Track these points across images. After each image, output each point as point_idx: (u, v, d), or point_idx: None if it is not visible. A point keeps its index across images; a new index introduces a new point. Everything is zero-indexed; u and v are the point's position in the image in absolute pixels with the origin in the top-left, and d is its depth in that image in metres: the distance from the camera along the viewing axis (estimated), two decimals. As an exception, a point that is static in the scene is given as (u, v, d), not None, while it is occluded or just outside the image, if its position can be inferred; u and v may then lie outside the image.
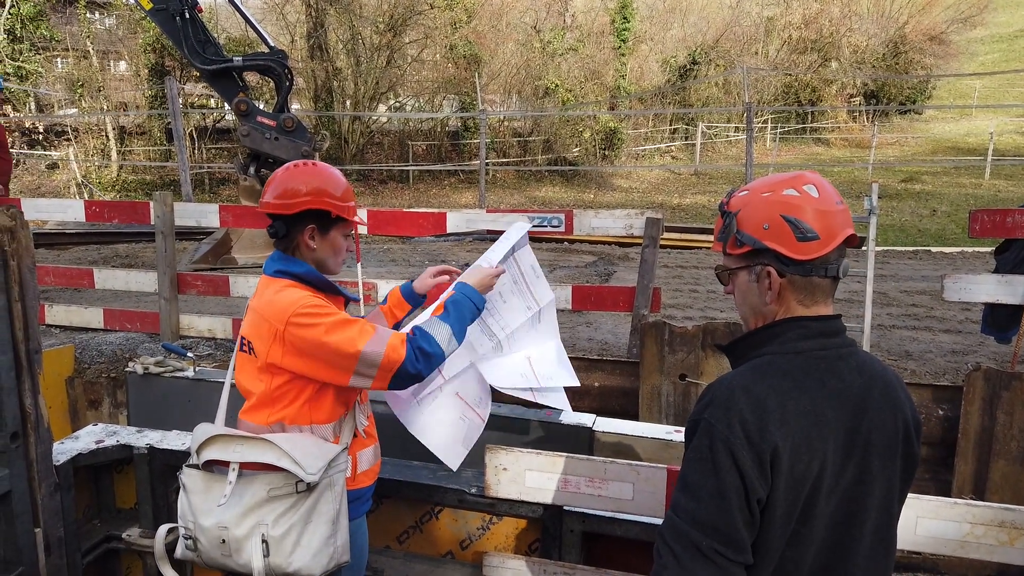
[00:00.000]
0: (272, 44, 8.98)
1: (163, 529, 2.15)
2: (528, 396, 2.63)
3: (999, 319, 4.46)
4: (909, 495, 2.24)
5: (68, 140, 20.27)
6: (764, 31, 30.76)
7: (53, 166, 19.43)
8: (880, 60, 31.93)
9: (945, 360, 5.01)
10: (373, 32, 21.85)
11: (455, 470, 2.49)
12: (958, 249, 9.50)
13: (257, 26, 9.00)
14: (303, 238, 2.17)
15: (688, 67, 26.98)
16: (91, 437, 2.99)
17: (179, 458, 2.93)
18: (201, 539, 2.06)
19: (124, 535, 2.96)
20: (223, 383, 3.59)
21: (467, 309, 2.26)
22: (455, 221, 4.95)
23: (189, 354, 3.73)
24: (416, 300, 2.59)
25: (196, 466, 2.12)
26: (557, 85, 23.19)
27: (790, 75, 29.50)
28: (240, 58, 8.58)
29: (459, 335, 2.20)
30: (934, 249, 9.37)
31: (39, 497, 2.66)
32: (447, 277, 2.53)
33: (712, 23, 29.77)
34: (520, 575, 2.60)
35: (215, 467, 2.10)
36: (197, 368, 3.67)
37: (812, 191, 1.49)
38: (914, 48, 32.47)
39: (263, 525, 2.02)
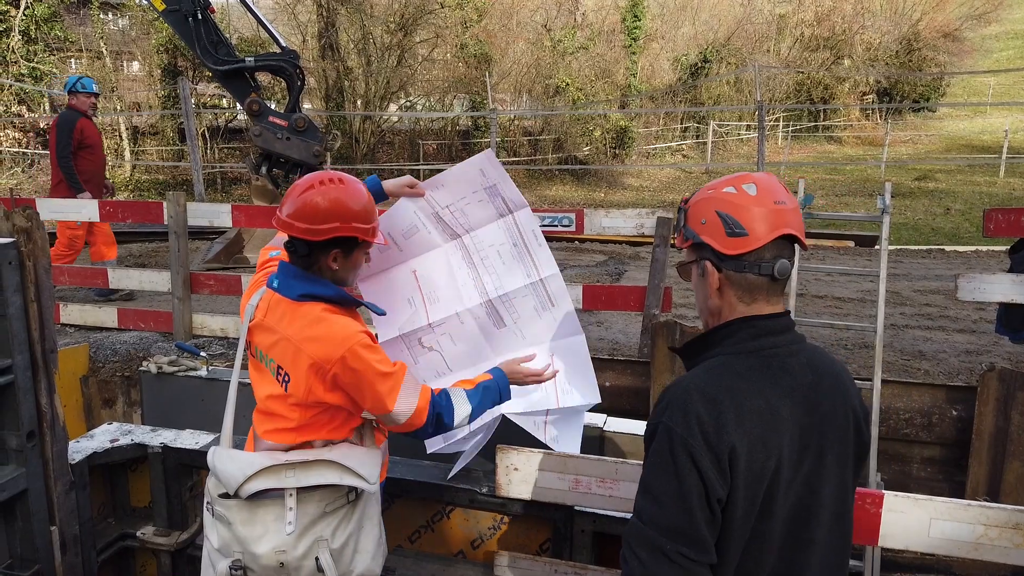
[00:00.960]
0: (284, 44, 9.01)
1: (223, 565, 2.05)
2: (540, 432, 2.63)
3: (1014, 319, 4.42)
4: (921, 497, 2.25)
5: (82, 140, 20.40)
6: (776, 29, 30.59)
7: (67, 166, 19.57)
8: (893, 57, 31.70)
9: (959, 360, 4.98)
10: (384, 31, 21.90)
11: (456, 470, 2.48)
12: (972, 248, 9.43)
13: (269, 26, 9.03)
14: (326, 261, 2.06)
15: (699, 65, 26.87)
16: (106, 436, 3.02)
17: (193, 457, 2.96)
18: (254, 567, 2.03)
19: (139, 533, 2.99)
20: (240, 383, 3.62)
21: (492, 397, 2.27)
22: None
23: (202, 353, 3.75)
24: (380, 196, 2.51)
25: (227, 496, 2.06)
26: (568, 84, 23.16)
27: (802, 73, 29.33)
28: (252, 58, 8.61)
29: (474, 416, 2.21)
30: (948, 248, 9.30)
31: (55, 495, 2.70)
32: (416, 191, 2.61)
33: (723, 21, 29.64)
34: (531, 575, 2.61)
35: (256, 494, 2.04)
36: (210, 367, 3.69)
37: (750, 189, 1.54)
38: (928, 45, 32.21)
39: (323, 541, 2.03)
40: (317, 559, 2.01)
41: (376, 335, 2.67)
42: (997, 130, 26.64)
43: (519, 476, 2.53)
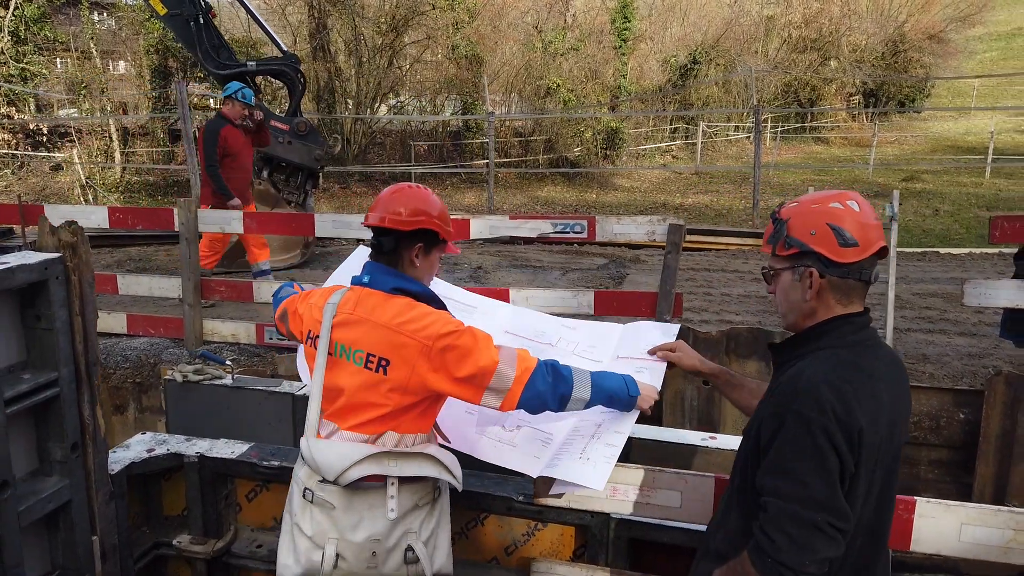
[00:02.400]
0: (285, 48, 9.04)
1: (330, 551, 2.10)
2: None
3: (1018, 324, 4.53)
4: (953, 503, 2.34)
5: (71, 142, 20.26)
6: (764, 30, 30.80)
7: (57, 167, 19.42)
8: (879, 59, 32.01)
9: (962, 363, 5.08)
10: (375, 32, 21.87)
11: (535, 475, 2.43)
12: (966, 250, 9.58)
13: (270, 31, 9.07)
14: (410, 255, 2.20)
15: (689, 66, 27.01)
16: (142, 446, 3.05)
17: (228, 466, 2.99)
18: (347, 555, 2.08)
19: (175, 542, 3.02)
20: (265, 391, 3.66)
21: (615, 392, 2.22)
22: (478, 228, 5.01)
23: (228, 362, 3.78)
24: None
25: (332, 483, 2.10)
26: (559, 85, 23.22)
27: (790, 74, 29.56)
28: (253, 63, 8.65)
29: (593, 397, 2.17)
30: (942, 250, 9.45)
31: (96, 506, 2.72)
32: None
33: (712, 22, 29.80)
34: (568, 581, 2.66)
35: (354, 482, 2.10)
36: (235, 376, 3.72)
37: (854, 206, 1.74)
38: (913, 47, 32.55)
39: (412, 533, 2.11)
40: (407, 550, 2.09)
41: None
42: (981, 131, 26.98)
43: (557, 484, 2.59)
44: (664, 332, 2.62)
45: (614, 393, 2.21)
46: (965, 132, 29.13)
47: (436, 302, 2.21)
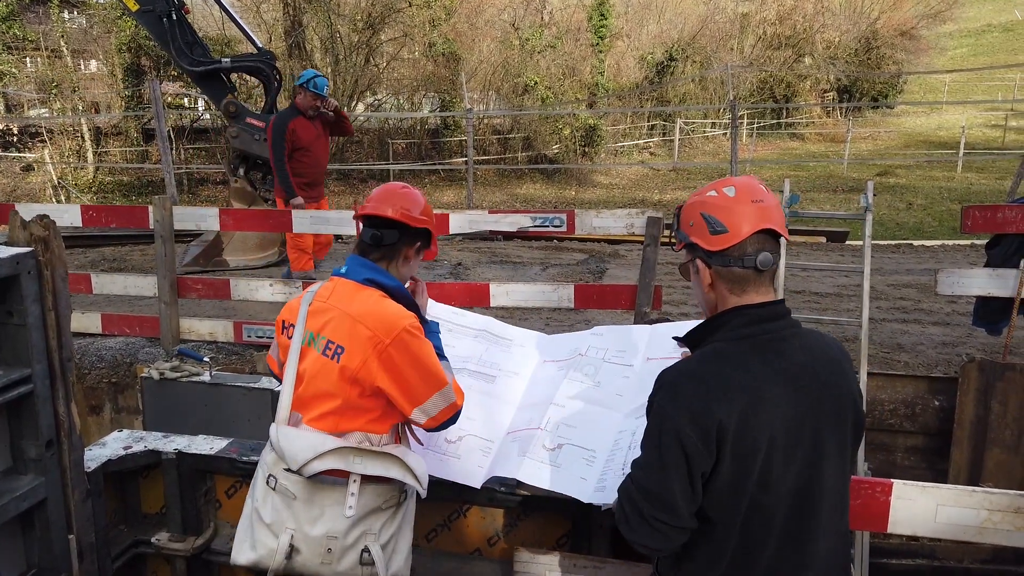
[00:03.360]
0: (260, 45, 8.95)
1: (284, 539, 2.09)
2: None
3: (990, 312, 4.61)
4: (928, 484, 2.36)
5: (43, 142, 19.95)
6: (739, 27, 31.03)
7: (28, 168, 19.11)
8: (853, 56, 32.38)
9: (936, 352, 5.16)
10: (351, 30, 21.75)
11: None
12: (939, 242, 9.73)
13: (245, 28, 8.97)
14: (407, 251, 2.26)
15: (665, 64, 27.15)
16: (118, 443, 3.01)
17: (208, 462, 2.96)
18: (303, 547, 2.07)
19: (153, 540, 2.98)
20: (243, 387, 3.63)
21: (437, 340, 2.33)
22: (458, 222, 5.00)
23: (205, 358, 3.75)
24: None
25: (294, 472, 2.09)
26: (536, 82, 23.24)
27: (766, 71, 29.81)
28: (228, 59, 8.55)
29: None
30: (915, 243, 9.59)
31: (72, 504, 2.69)
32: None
33: (688, 19, 29.97)
34: (551, 570, 2.67)
35: (318, 475, 2.09)
36: (213, 372, 3.69)
37: (729, 191, 1.70)
38: (886, 43, 32.96)
39: (370, 534, 2.09)
40: (363, 551, 2.07)
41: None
42: (953, 126, 27.42)
43: (539, 474, 2.59)
44: (685, 329, 2.64)
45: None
46: (937, 127, 29.57)
47: (409, 303, 2.21)
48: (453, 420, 2.18)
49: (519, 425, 2.61)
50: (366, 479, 2.09)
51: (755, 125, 28.95)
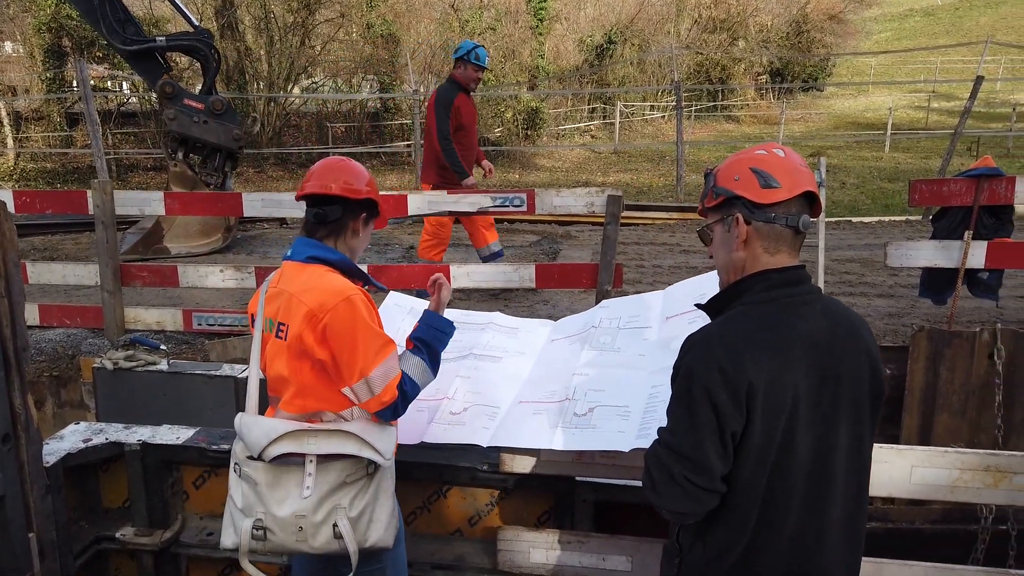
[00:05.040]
0: (196, 23, 8.61)
1: (247, 524, 2.11)
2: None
3: (936, 282, 4.77)
4: (904, 447, 2.43)
5: (-44, 127, 18.88)
6: (675, 10, 31.35)
7: (-60, 155, 18.07)
8: (784, 39, 33.10)
9: (884, 323, 5.33)
10: (285, 10, 21.15)
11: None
12: (875, 218, 10.06)
13: (180, 5, 8.62)
14: (354, 225, 2.24)
15: (604, 46, 27.26)
16: (77, 436, 2.87)
17: (174, 453, 2.85)
18: (274, 528, 2.09)
19: (118, 535, 2.86)
20: (204, 375, 3.51)
21: (438, 339, 2.31)
22: (416, 204, 4.92)
23: (162, 346, 3.60)
24: None
25: (256, 459, 2.11)
26: (477, 65, 23.04)
27: (701, 54, 30.23)
28: (164, 38, 8.19)
29: (433, 367, 2.28)
30: (854, 219, 9.89)
31: (32, 501, 2.55)
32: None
33: (625, 3, 30.10)
34: (535, 547, 2.66)
35: (280, 458, 2.10)
36: (171, 361, 3.55)
37: (779, 153, 1.75)
38: (815, 27, 33.76)
39: (340, 509, 2.09)
40: (335, 525, 2.08)
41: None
42: (879, 107, 28.34)
43: (523, 451, 2.58)
44: (701, 283, 2.64)
45: (439, 346, 2.30)
46: (864, 109, 30.52)
47: (355, 272, 2.24)
48: (386, 415, 2.14)
49: (534, 397, 2.58)
50: (324, 457, 2.10)
51: (692, 108, 29.38)
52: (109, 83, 22.38)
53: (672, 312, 2.61)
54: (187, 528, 2.97)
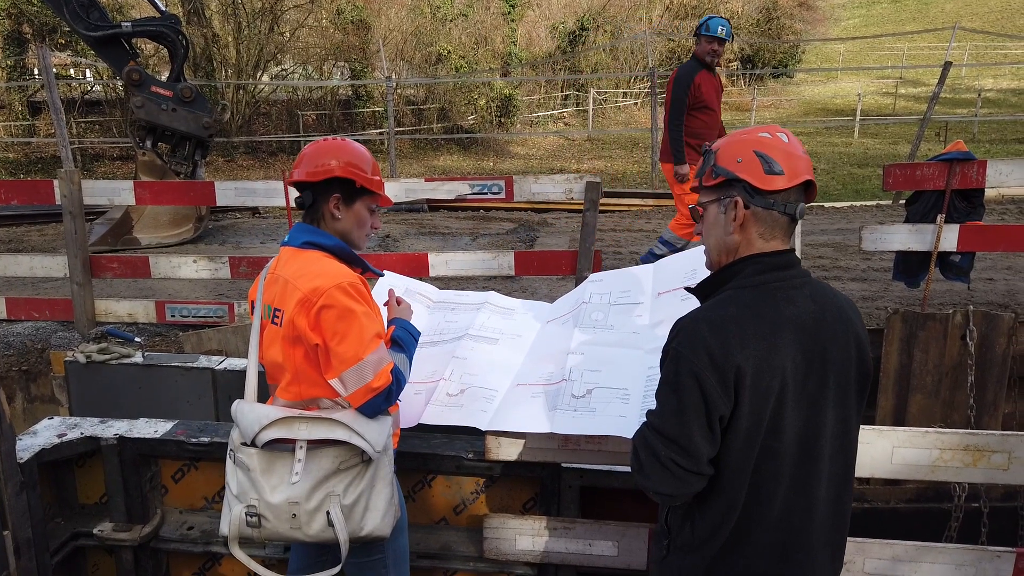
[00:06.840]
0: (163, 8, 8.43)
1: (239, 510, 2.09)
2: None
3: (910, 265, 4.84)
4: (885, 428, 2.45)
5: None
6: (647, -3, 31.37)
7: None
8: (755, 26, 33.30)
9: (858, 306, 5.38)
10: (254, -5, 20.81)
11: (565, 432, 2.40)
12: (847, 203, 10.18)
13: (146, -12, 8.41)
14: (328, 207, 2.19)
15: (577, 33, 27.19)
16: (51, 431, 2.80)
17: (152, 447, 2.80)
18: (268, 515, 2.07)
19: (96, 531, 2.80)
20: (180, 367, 3.44)
21: (408, 343, 2.32)
22: (394, 191, 4.87)
23: (136, 338, 3.53)
24: None
25: (249, 445, 2.10)
26: (449, 51, 22.87)
27: (673, 40, 30.28)
28: (129, 24, 8.00)
29: (409, 369, 2.28)
30: (826, 205, 9.99)
31: (6, 498, 2.50)
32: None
33: (597, -12, 30.04)
34: (521, 533, 2.66)
35: (273, 445, 2.09)
36: (146, 353, 3.48)
37: (783, 137, 1.72)
38: (785, 14, 34.01)
39: (334, 496, 2.07)
40: (328, 513, 2.06)
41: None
42: (848, 94, 28.63)
43: (508, 439, 2.57)
44: (690, 257, 2.64)
45: (412, 350, 2.31)
46: (833, 95, 30.81)
47: (351, 258, 2.21)
48: (379, 402, 2.09)
49: (532, 379, 2.57)
50: (315, 443, 2.08)
51: (664, 95, 29.44)
52: (72, 70, 21.89)
53: (664, 288, 2.61)
54: (166, 523, 2.92)
